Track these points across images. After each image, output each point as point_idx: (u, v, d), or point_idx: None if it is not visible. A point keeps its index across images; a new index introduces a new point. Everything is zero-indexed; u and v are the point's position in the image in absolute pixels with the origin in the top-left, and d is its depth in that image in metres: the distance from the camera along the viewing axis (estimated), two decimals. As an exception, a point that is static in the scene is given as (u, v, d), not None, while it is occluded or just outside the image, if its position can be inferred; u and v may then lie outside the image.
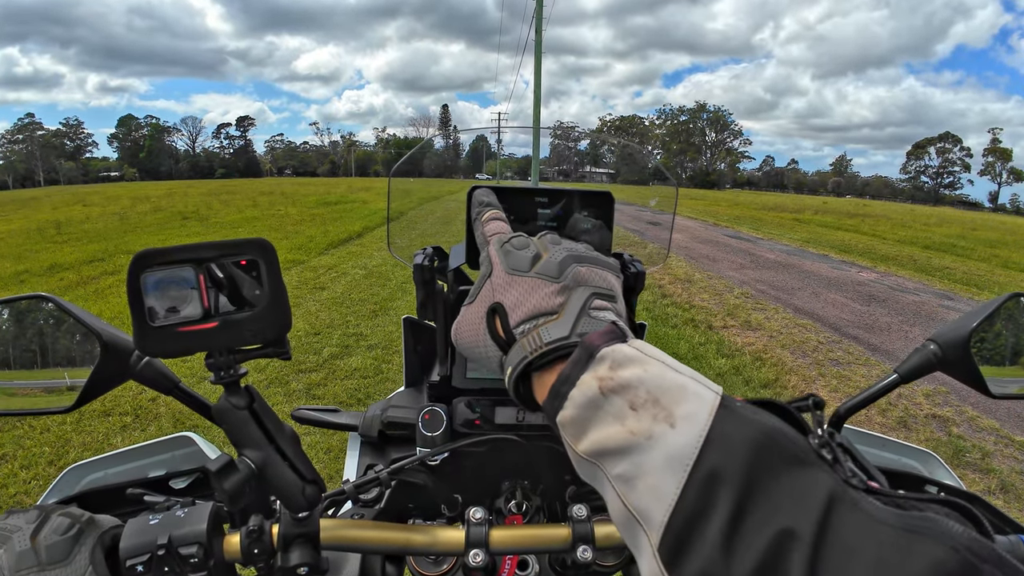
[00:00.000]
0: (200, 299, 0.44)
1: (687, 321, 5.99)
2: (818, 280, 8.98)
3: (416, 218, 8.28)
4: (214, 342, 0.45)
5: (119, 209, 21.16)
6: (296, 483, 0.49)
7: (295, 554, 0.51)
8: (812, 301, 7.37)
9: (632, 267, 0.67)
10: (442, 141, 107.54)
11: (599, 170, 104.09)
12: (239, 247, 0.44)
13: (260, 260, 0.44)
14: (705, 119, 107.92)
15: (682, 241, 13.37)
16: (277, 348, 0.47)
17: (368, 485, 0.60)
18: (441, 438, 0.68)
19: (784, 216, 25.49)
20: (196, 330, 0.44)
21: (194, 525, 0.48)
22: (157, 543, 0.47)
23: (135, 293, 0.42)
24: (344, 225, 14.16)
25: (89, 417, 3.50)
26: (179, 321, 0.43)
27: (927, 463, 0.83)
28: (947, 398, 4.11)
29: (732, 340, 5.38)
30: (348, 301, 6.45)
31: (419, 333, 0.86)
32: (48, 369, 0.57)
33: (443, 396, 0.72)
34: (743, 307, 6.78)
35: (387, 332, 5.23)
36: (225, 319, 0.44)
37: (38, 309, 0.58)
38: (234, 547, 0.50)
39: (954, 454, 3.32)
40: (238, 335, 0.45)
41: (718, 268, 9.73)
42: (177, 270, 0.43)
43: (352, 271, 8.29)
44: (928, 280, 9.93)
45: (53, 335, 0.57)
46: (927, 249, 15.06)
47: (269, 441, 0.49)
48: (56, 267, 9.28)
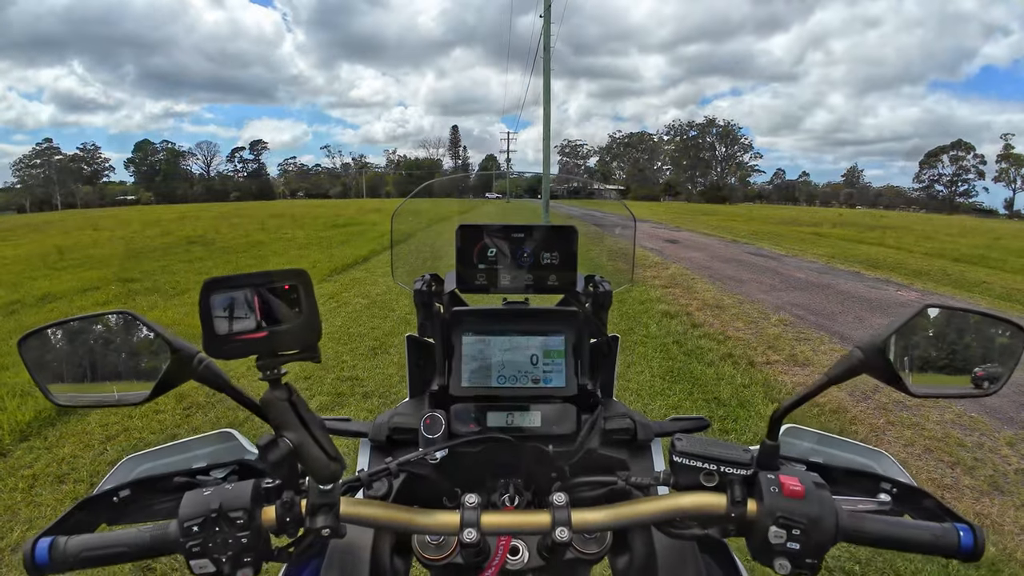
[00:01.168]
0: (255, 315, 0.55)
1: (724, 356, 5.31)
2: (858, 302, 8.27)
3: (425, 240, 7.94)
4: (263, 348, 0.56)
5: (128, 234, 21.05)
6: (323, 459, 0.59)
7: (320, 518, 0.59)
8: (858, 328, 6.66)
9: (600, 287, 0.88)
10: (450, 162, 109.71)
11: (610, 187, 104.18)
12: (284, 275, 0.56)
13: (299, 285, 0.56)
14: (715, 134, 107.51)
15: (703, 261, 12.71)
16: (311, 353, 0.58)
17: (379, 474, 0.70)
18: (441, 440, 0.80)
19: (803, 230, 24.75)
20: (249, 339, 0.55)
21: (240, 495, 0.59)
22: (210, 508, 0.57)
23: (206, 310, 0.54)
24: (350, 249, 13.73)
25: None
26: (237, 331, 0.55)
27: (880, 462, 0.86)
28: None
29: (779, 380, 4.71)
30: (346, 336, 5.89)
31: (420, 349, 0.97)
32: (126, 370, 0.66)
33: (442, 403, 0.85)
34: (784, 337, 6.09)
35: (386, 376, 4.64)
36: (272, 330, 0.55)
37: (120, 322, 0.67)
38: (270, 516, 0.59)
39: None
40: (281, 343, 0.56)
41: (747, 290, 9.05)
42: (237, 292, 0.55)
43: (354, 300, 7.75)
44: (971, 296, 9.27)
45: (132, 342, 0.66)
46: (957, 262, 14.35)
47: (303, 426, 0.59)
48: (49, 297, 8.95)
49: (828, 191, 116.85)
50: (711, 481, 0.64)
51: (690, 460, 0.64)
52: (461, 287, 0.84)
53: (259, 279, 0.55)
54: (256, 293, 0.55)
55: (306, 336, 0.57)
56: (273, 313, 0.55)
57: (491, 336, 0.89)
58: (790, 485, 0.60)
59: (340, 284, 9.15)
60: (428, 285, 0.88)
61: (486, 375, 0.88)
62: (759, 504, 0.61)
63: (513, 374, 0.88)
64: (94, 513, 0.73)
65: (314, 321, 0.57)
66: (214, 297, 0.54)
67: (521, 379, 0.88)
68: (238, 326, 0.55)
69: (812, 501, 0.60)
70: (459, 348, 0.89)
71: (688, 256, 13.53)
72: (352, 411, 3.95)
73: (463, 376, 0.87)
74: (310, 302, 0.56)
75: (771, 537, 0.59)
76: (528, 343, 0.89)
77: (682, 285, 9.37)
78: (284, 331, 0.56)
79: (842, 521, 0.60)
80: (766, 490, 0.61)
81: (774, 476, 0.62)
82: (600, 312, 0.89)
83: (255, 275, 0.55)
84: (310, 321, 0.56)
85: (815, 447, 0.89)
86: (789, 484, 0.60)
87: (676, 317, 6.94)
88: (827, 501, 0.60)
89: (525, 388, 0.87)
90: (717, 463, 0.64)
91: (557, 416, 0.86)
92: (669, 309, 7.36)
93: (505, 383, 0.88)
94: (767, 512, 0.59)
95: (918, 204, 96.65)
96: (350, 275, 10.12)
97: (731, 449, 0.65)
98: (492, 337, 0.89)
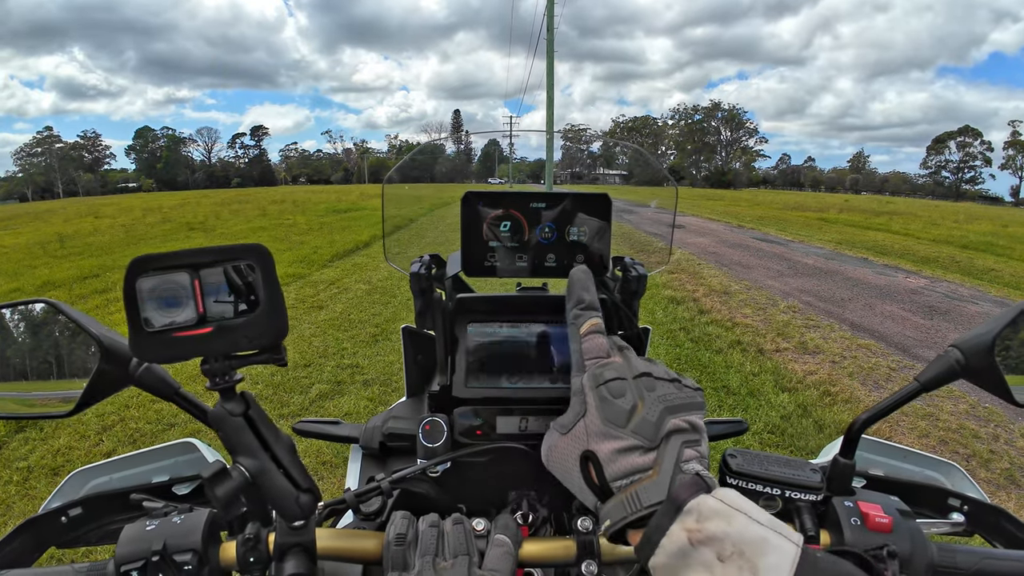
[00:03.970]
0: (195, 304, 0.43)
1: (732, 344, 5.20)
2: (866, 289, 8.13)
3: (426, 225, 7.84)
4: (209, 348, 0.44)
5: (129, 221, 20.93)
6: (290, 491, 0.48)
7: (290, 563, 0.50)
8: (868, 315, 6.54)
9: (633, 271, 0.72)
10: (452, 147, 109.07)
11: (611, 172, 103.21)
12: (235, 252, 0.44)
13: (256, 265, 0.44)
14: (720, 118, 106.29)
15: (710, 246, 12.54)
16: (273, 354, 0.46)
17: (369, 495, 0.60)
18: (442, 449, 0.68)
19: (809, 216, 24.48)
20: (191, 335, 0.43)
21: (189, 532, 0.48)
22: (152, 550, 0.47)
23: (130, 298, 0.42)
24: (351, 235, 13.59)
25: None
26: (174, 326, 0.43)
27: (950, 475, 0.79)
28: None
29: (789, 368, 4.60)
30: (347, 323, 5.79)
31: (419, 343, 0.86)
32: (48, 373, 0.57)
33: (444, 406, 0.72)
34: (793, 324, 5.97)
35: (387, 364, 4.54)
36: (220, 324, 0.43)
37: (39, 313, 0.58)
38: (230, 555, 0.50)
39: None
40: (233, 341, 0.44)
41: (754, 277, 8.91)
42: (172, 275, 0.42)
43: (355, 286, 7.64)
44: (980, 285, 9.11)
45: (54, 340, 0.57)
46: (965, 249, 14.15)
47: (264, 448, 0.48)
48: (49, 284, 8.93)
49: (833, 177, 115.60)
50: (773, 507, 0.53)
51: (748, 483, 0.53)
52: (467, 270, 0.70)
53: (203, 256, 0.42)
54: (199, 276, 0.42)
55: (265, 331, 0.44)
56: (221, 302, 0.43)
57: (502, 328, 0.76)
58: (875, 516, 0.49)
59: (341, 269, 9.04)
60: (427, 268, 0.73)
61: (495, 373, 0.75)
62: (836, 537, 0.50)
63: (527, 372, 0.75)
64: (40, 535, 0.62)
65: (276, 312, 0.44)
66: (142, 281, 0.41)
67: (537, 378, 0.75)
68: (176, 319, 0.42)
69: (901, 535, 0.49)
70: (464, 342, 0.75)
71: (694, 241, 13.36)
72: (352, 400, 3.87)
73: (468, 375, 0.74)
74: (271, 287, 0.43)
75: None
76: (545, 336, 0.76)
77: (688, 271, 9.24)
78: (236, 326, 0.43)
79: (932, 556, 0.49)
80: (845, 521, 0.50)
81: (852, 503, 0.51)
82: (631, 300, 0.75)
83: (199, 251, 0.42)
84: (271, 312, 0.43)
85: (872, 457, 0.78)
86: (873, 515, 0.49)
87: (683, 303, 6.83)
88: (917, 534, 0.50)
89: (541, 388, 0.74)
90: (781, 486, 0.53)
91: None
92: (675, 295, 7.24)
93: (518, 383, 0.74)
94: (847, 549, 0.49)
95: (924, 191, 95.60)
96: (351, 260, 10.01)
97: (796, 467, 0.54)
98: (503, 329, 0.76)
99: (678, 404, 0.43)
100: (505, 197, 0.68)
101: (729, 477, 0.54)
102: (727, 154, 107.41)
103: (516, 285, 0.83)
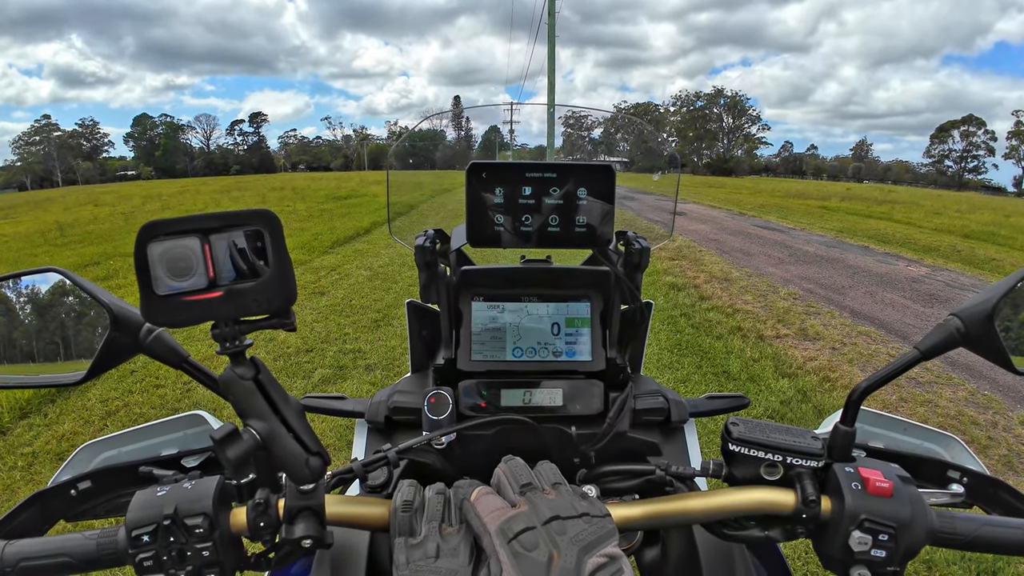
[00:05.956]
0: (205, 269, 0.43)
1: (733, 330, 5.21)
2: (867, 276, 8.12)
3: (428, 211, 7.80)
4: (219, 312, 0.44)
5: (128, 209, 20.87)
6: (300, 454, 0.48)
7: (299, 526, 0.50)
8: (868, 302, 6.54)
9: (636, 243, 0.74)
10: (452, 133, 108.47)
11: (613, 159, 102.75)
12: (244, 218, 0.44)
13: (265, 231, 0.44)
14: (723, 105, 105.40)
15: (711, 233, 12.51)
16: (282, 319, 0.47)
17: (376, 464, 0.60)
18: (447, 421, 0.70)
19: (810, 204, 24.36)
20: (201, 299, 0.43)
21: (201, 497, 0.48)
22: (163, 514, 0.47)
23: (142, 263, 0.42)
24: (352, 221, 13.55)
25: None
26: (184, 290, 0.43)
27: (949, 448, 0.79)
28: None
29: (789, 354, 4.62)
30: (348, 309, 5.80)
31: (423, 317, 0.86)
32: (58, 342, 0.57)
33: (449, 379, 0.75)
34: (793, 311, 5.98)
35: (389, 348, 4.56)
36: (230, 289, 0.44)
37: (49, 282, 0.57)
38: (240, 520, 0.50)
39: None
40: (243, 305, 0.44)
41: (755, 264, 8.90)
42: (182, 240, 0.43)
43: (356, 272, 7.65)
44: (981, 274, 9.09)
45: (64, 308, 0.56)
46: (967, 238, 14.08)
47: (274, 412, 0.48)
48: (49, 272, 8.89)
49: (836, 165, 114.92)
50: (774, 474, 0.54)
51: (750, 449, 0.54)
52: (472, 240, 0.70)
53: (212, 221, 0.43)
54: (208, 241, 0.43)
55: (274, 296, 0.44)
56: (232, 267, 0.44)
57: (505, 301, 0.77)
58: (875, 481, 0.50)
59: (342, 256, 9.04)
60: (432, 241, 0.75)
61: (499, 347, 0.76)
62: (836, 503, 0.51)
63: (531, 345, 0.77)
64: (49, 508, 0.63)
65: (285, 277, 0.44)
66: (153, 246, 0.42)
67: (540, 351, 0.76)
68: (186, 284, 0.43)
69: (901, 500, 0.49)
70: (468, 315, 0.77)
71: (695, 228, 13.32)
72: (355, 384, 3.89)
73: (473, 348, 0.76)
74: (280, 252, 0.44)
75: (853, 543, 0.49)
76: (549, 309, 0.77)
77: (689, 257, 9.23)
78: (246, 290, 0.44)
79: (932, 522, 0.50)
80: (845, 486, 0.50)
81: (853, 469, 0.52)
82: (634, 274, 0.76)
83: (208, 216, 0.43)
84: (280, 276, 0.44)
85: (872, 429, 0.79)
86: (874, 479, 0.50)
87: (683, 289, 6.83)
88: (917, 499, 0.50)
89: (545, 362, 0.76)
90: (783, 452, 0.53)
91: (581, 394, 0.75)
92: (676, 281, 7.24)
93: (522, 356, 0.76)
94: (848, 513, 0.49)
95: (927, 180, 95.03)
96: (352, 247, 10.00)
97: (797, 435, 0.55)
98: (507, 302, 0.77)
99: (591, 541, 0.43)
100: (510, 168, 0.68)
101: (731, 444, 0.55)
102: (729, 141, 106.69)
103: (520, 258, 0.83)
